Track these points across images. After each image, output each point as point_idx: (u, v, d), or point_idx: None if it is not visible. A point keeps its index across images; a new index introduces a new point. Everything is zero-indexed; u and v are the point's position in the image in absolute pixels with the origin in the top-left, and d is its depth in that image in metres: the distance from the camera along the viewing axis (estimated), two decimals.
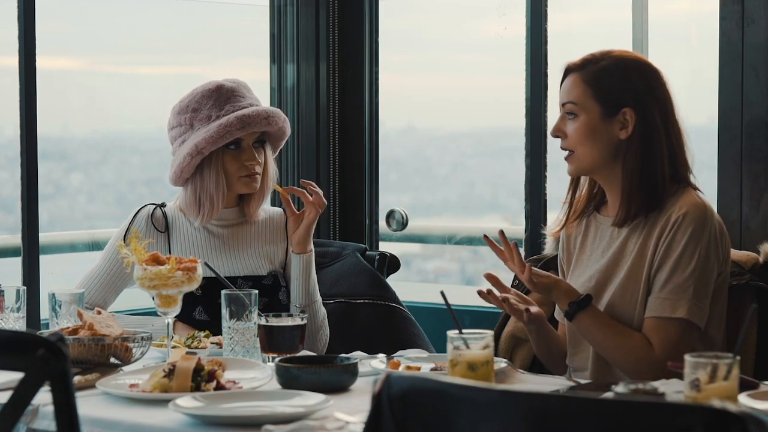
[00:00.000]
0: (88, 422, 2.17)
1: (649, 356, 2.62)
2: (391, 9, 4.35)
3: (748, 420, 1.38)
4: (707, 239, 2.64)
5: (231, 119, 3.15)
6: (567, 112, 2.73)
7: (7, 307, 2.85)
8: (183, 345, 2.79)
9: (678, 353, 2.58)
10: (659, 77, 2.73)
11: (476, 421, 1.52)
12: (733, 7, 3.36)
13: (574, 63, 2.75)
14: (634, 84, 2.69)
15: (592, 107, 2.70)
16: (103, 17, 4.41)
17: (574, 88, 2.72)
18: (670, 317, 2.62)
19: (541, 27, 3.80)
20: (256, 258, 3.28)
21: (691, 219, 2.64)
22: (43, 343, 1.74)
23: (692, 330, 2.63)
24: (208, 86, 3.23)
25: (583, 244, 2.83)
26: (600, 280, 2.75)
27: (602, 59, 2.72)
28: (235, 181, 3.21)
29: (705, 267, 2.63)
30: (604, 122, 2.70)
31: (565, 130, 2.73)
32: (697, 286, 2.62)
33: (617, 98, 2.69)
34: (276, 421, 2.09)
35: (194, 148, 3.15)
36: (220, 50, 4.58)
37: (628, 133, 2.69)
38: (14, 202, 3.67)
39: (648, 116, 2.68)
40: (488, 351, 2.23)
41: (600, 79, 2.70)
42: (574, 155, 2.73)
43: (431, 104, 4.79)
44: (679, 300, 2.61)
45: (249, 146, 3.21)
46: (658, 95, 2.70)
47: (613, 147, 2.70)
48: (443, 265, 5.29)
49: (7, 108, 3.62)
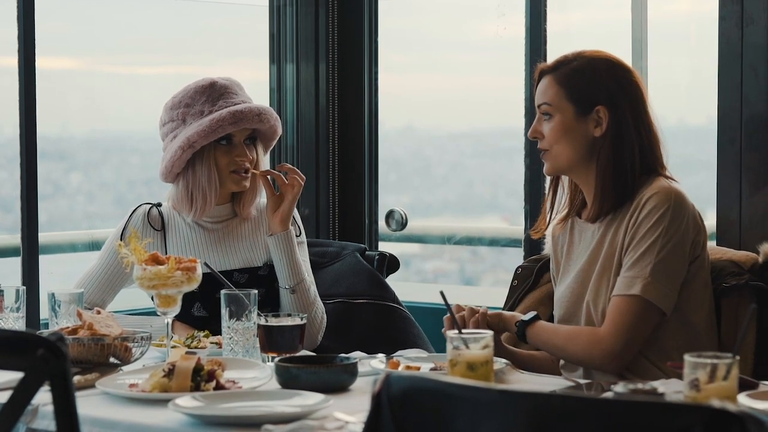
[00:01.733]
0: (87, 422, 2.17)
1: (597, 340, 2.66)
2: (390, 9, 4.35)
3: (748, 420, 1.38)
4: (671, 221, 2.66)
5: (224, 114, 3.16)
6: (543, 113, 2.80)
7: (7, 307, 2.85)
8: (182, 345, 2.79)
9: (631, 332, 2.63)
10: (630, 76, 2.78)
11: (476, 420, 1.53)
12: (733, 8, 3.36)
13: (546, 65, 2.82)
14: (606, 83, 2.75)
15: (566, 107, 2.76)
16: (102, 17, 4.41)
17: (548, 90, 2.78)
18: (625, 294, 2.65)
19: (541, 27, 3.81)
20: (250, 250, 3.29)
21: (655, 201, 2.67)
22: (43, 343, 1.74)
23: (650, 310, 2.65)
24: (201, 83, 3.24)
25: (569, 250, 2.88)
26: (582, 279, 2.79)
27: (574, 60, 2.79)
28: (226, 176, 3.22)
29: (670, 249, 2.65)
30: (578, 121, 2.76)
31: (541, 131, 2.80)
32: (658, 267, 2.63)
33: (590, 97, 2.75)
34: (275, 420, 2.09)
35: (186, 142, 3.15)
36: (219, 50, 4.58)
37: (603, 130, 2.75)
38: (13, 202, 3.67)
39: (619, 113, 2.74)
40: (488, 351, 2.23)
41: (572, 79, 2.76)
42: (549, 153, 2.78)
43: (430, 104, 4.80)
44: (635, 278, 2.65)
45: (240, 143, 3.22)
46: (628, 93, 2.75)
47: (588, 145, 2.75)
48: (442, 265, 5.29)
49: (7, 108, 3.62)
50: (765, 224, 3.32)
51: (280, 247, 3.22)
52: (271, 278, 3.26)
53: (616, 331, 2.64)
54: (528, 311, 3.09)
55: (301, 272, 3.24)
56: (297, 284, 3.22)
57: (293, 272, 3.23)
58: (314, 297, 3.27)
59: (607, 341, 2.65)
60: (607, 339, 2.65)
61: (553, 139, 2.76)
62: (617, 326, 2.65)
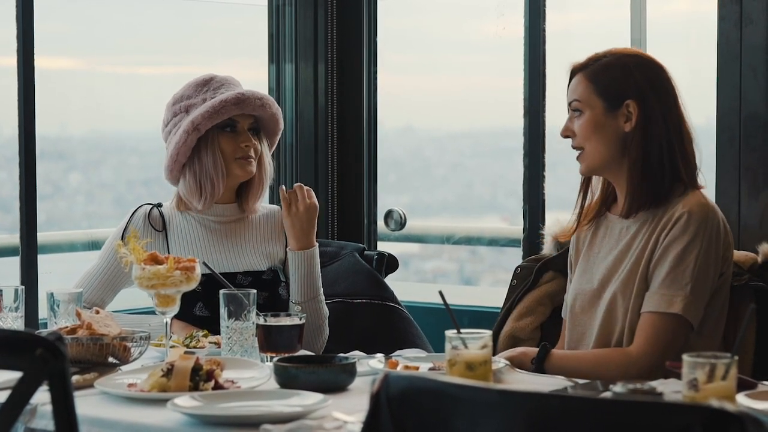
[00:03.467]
0: (86, 422, 2.17)
1: (632, 361, 2.65)
2: (389, 9, 4.35)
3: (746, 420, 1.38)
4: (708, 239, 2.66)
5: (227, 95, 3.18)
6: (573, 110, 2.80)
7: (6, 307, 2.84)
8: (181, 344, 2.79)
9: (667, 350, 2.60)
10: (660, 71, 2.78)
11: (475, 420, 1.52)
12: (732, 8, 3.36)
13: (578, 63, 2.82)
14: (634, 76, 2.75)
15: (596, 103, 2.76)
16: (101, 17, 4.41)
17: (578, 86, 2.79)
18: (665, 312, 2.64)
19: (540, 27, 3.81)
20: (254, 254, 3.28)
21: (693, 218, 2.67)
22: (42, 343, 1.74)
23: (685, 328, 2.65)
24: (201, 77, 3.28)
25: (592, 242, 2.86)
26: (605, 276, 2.78)
27: (604, 57, 2.79)
28: (232, 162, 3.22)
29: (704, 267, 2.65)
30: (608, 116, 2.75)
31: (573, 128, 2.79)
32: (695, 284, 2.64)
33: (618, 91, 2.75)
34: (274, 420, 2.09)
35: (190, 125, 3.16)
36: (218, 50, 4.58)
37: (633, 125, 2.74)
38: (12, 202, 3.67)
39: (648, 108, 2.74)
40: (486, 351, 2.23)
41: (601, 75, 2.77)
42: (584, 153, 2.78)
43: (430, 104, 4.79)
44: (675, 296, 2.64)
45: (244, 129, 3.23)
46: (657, 88, 2.75)
47: (620, 140, 2.75)
48: (441, 265, 5.29)
49: (6, 108, 3.62)
50: (764, 224, 3.33)
51: (296, 262, 3.23)
52: (274, 283, 3.26)
53: (653, 350, 2.63)
54: (527, 311, 3.10)
55: (314, 291, 3.24)
56: (307, 302, 3.22)
57: (307, 288, 3.22)
58: (324, 320, 3.26)
59: (644, 361, 2.63)
60: (643, 358, 2.63)
61: (584, 136, 2.76)
62: (653, 345, 2.63)
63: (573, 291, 2.86)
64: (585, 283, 2.82)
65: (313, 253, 3.23)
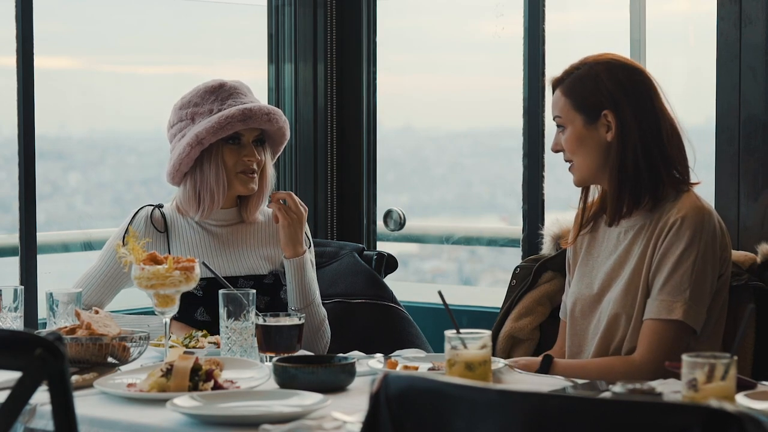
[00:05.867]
0: (85, 422, 2.17)
1: (636, 368, 2.65)
2: (388, 9, 4.35)
3: (746, 420, 1.38)
4: (704, 243, 2.66)
5: (233, 111, 3.15)
6: (558, 126, 2.82)
7: (5, 307, 2.84)
8: (180, 344, 2.79)
9: (671, 355, 2.60)
10: (632, 73, 2.77)
11: (474, 420, 1.52)
12: (731, 8, 3.36)
13: (555, 77, 2.84)
14: (605, 86, 2.75)
15: (575, 117, 2.78)
16: (101, 17, 4.41)
17: (558, 102, 2.81)
18: (666, 319, 2.64)
19: (539, 27, 3.81)
20: (256, 258, 3.28)
21: (688, 223, 2.67)
22: (41, 343, 1.74)
23: (687, 333, 2.65)
24: (210, 83, 3.24)
25: (590, 246, 2.86)
26: (605, 281, 2.78)
27: (578, 68, 2.80)
28: (234, 177, 3.21)
29: (702, 270, 2.65)
30: (589, 129, 2.77)
31: (561, 143, 2.81)
32: (694, 289, 2.64)
33: (594, 103, 2.76)
34: (273, 420, 2.09)
35: (194, 138, 3.14)
36: (217, 50, 4.58)
37: (613, 134, 2.75)
38: (11, 202, 3.66)
39: (620, 114, 2.74)
40: (486, 351, 2.23)
41: (577, 88, 2.77)
42: (574, 166, 2.80)
43: (429, 104, 4.79)
44: (675, 302, 2.63)
45: (249, 143, 3.21)
46: (628, 91, 2.75)
47: (604, 150, 2.76)
48: (441, 265, 5.28)
49: (5, 107, 3.62)
50: (763, 224, 3.32)
51: (290, 271, 3.23)
52: (276, 287, 3.25)
53: (656, 357, 2.63)
54: (526, 311, 3.10)
55: (310, 296, 3.23)
56: (304, 308, 3.21)
57: (301, 295, 3.22)
58: (321, 321, 3.26)
59: (647, 368, 2.62)
60: (646, 366, 2.63)
61: (571, 150, 2.78)
62: (655, 352, 2.63)
63: (573, 296, 2.86)
64: (585, 288, 2.82)
65: (304, 259, 3.24)
